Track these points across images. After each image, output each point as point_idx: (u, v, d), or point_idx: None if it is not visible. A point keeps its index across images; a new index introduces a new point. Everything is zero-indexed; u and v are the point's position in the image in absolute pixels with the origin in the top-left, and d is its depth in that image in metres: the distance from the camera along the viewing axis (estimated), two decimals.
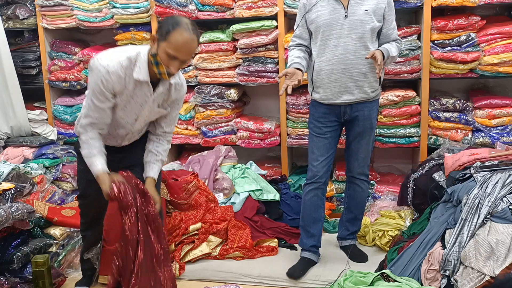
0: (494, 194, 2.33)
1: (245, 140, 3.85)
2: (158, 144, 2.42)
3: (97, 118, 2.21)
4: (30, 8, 4.07)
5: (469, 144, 3.41)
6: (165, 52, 2.05)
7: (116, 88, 2.15)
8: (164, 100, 2.31)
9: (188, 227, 3.07)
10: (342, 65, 2.64)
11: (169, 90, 2.28)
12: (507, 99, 3.40)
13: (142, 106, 2.24)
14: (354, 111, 2.74)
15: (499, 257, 2.12)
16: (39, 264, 2.53)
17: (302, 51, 2.76)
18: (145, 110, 2.26)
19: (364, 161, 2.87)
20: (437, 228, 2.47)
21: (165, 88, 2.25)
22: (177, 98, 2.34)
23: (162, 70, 2.10)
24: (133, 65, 2.13)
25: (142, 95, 2.21)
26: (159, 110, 2.33)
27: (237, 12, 3.65)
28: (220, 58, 3.77)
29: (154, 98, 2.23)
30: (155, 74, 2.15)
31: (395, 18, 2.74)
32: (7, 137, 3.94)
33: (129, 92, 2.18)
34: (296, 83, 2.52)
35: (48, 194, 3.48)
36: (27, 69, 4.15)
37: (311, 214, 2.86)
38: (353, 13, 2.61)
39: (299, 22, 2.76)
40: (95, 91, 2.15)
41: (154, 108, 2.29)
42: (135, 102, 2.22)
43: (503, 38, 3.31)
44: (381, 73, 2.53)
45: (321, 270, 2.84)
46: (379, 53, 2.54)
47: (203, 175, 3.55)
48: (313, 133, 2.82)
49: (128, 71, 2.13)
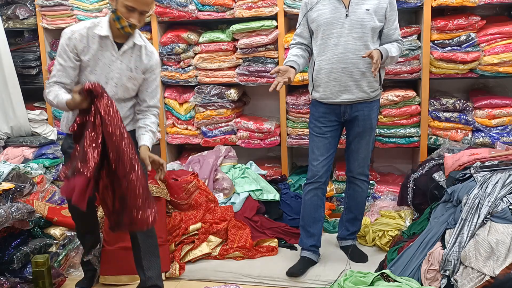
0: (494, 194, 2.33)
1: (245, 140, 3.85)
2: (145, 119, 2.45)
3: (60, 76, 2.30)
4: (30, 8, 4.07)
5: (469, 144, 3.41)
6: (124, 5, 2.18)
7: (79, 47, 2.27)
8: (137, 66, 2.37)
9: (188, 227, 3.07)
10: (342, 64, 2.64)
11: (140, 54, 2.36)
12: (507, 99, 3.40)
13: (110, 67, 2.32)
14: (354, 111, 2.74)
15: (499, 257, 2.12)
16: (39, 264, 2.53)
17: (302, 49, 2.77)
18: (114, 71, 2.32)
19: (364, 161, 2.87)
20: (437, 228, 2.47)
21: (130, 46, 2.32)
22: (151, 65, 2.41)
23: (124, 23, 2.21)
24: (96, 26, 2.29)
25: (108, 55, 2.31)
26: (132, 74, 2.36)
27: (237, 12, 3.65)
28: (220, 58, 3.77)
29: (121, 58, 2.32)
30: (119, 33, 2.27)
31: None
32: (7, 137, 3.94)
33: (94, 51, 2.28)
34: (286, 80, 2.54)
35: (48, 194, 3.48)
36: (27, 69, 4.15)
37: (311, 214, 2.86)
38: (354, 12, 2.61)
39: (300, 21, 2.77)
40: (60, 52, 2.29)
41: (124, 70, 2.34)
42: (103, 64, 2.31)
43: (503, 38, 3.31)
44: (376, 72, 2.52)
45: (321, 270, 2.85)
46: (376, 52, 2.53)
47: (203, 175, 3.55)
48: (313, 132, 2.82)
49: (90, 31, 2.28)
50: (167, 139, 4.04)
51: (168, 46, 3.81)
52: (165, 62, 3.90)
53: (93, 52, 2.28)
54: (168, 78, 3.89)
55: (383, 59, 2.58)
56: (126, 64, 2.34)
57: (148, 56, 2.40)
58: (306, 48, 2.79)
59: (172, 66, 3.88)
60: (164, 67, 3.89)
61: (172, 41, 3.78)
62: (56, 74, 2.31)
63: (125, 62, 2.34)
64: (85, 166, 2.03)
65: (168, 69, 3.88)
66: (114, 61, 2.31)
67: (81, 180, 2.02)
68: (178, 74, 3.86)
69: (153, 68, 2.43)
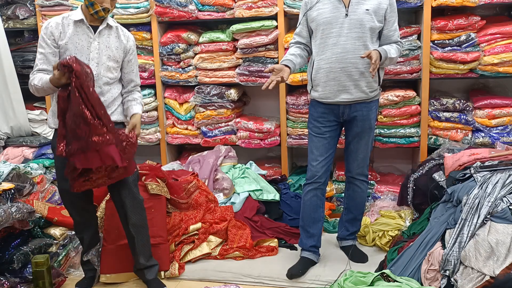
0: (494, 194, 2.33)
1: (245, 140, 3.85)
2: (134, 94, 2.68)
3: (42, 63, 2.46)
4: (30, 8, 4.07)
5: (469, 144, 3.41)
6: None
7: (55, 33, 2.44)
8: (117, 47, 2.54)
9: (188, 227, 3.08)
10: (340, 64, 2.64)
11: (118, 35, 2.55)
12: (507, 99, 3.40)
13: (89, 49, 2.48)
14: (352, 111, 2.74)
15: (499, 257, 2.12)
16: (39, 264, 2.53)
17: (300, 48, 2.77)
18: (93, 52, 2.48)
19: (363, 161, 2.86)
20: (437, 228, 2.47)
21: (104, 27, 2.50)
22: (130, 46, 2.62)
23: (97, 8, 2.41)
24: (70, 14, 2.50)
25: (85, 38, 2.48)
26: (112, 53, 2.53)
27: (237, 12, 3.65)
28: (220, 58, 3.77)
29: (98, 40, 2.49)
30: (93, 18, 2.47)
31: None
32: (7, 137, 3.94)
33: (70, 35, 2.45)
34: (279, 79, 2.56)
35: (48, 194, 3.48)
36: (27, 69, 4.14)
37: (311, 214, 2.86)
38: (353, 12, 2.61)
39: (300, 20, 2.77)
40: (39, 42, 2.48)
41: (103, 50, 2.49)
42: (81, 46, 2.47)
43: (503, 38, 3.31)
44: (374, 72, 2.51)
45: (321, 270, 2.85)
46: (375, 52, 2.53)
47: (203, 175, 3.55)
48: (312, 133, 2.82)
49: (65, 19, 2.48)
50: (167, 139, 4.04)
51: (168, 46, 3.81)
52: (165, 62, 3.90)
53: (69, 35, 2.45)
54: (168, 78, 3.89)
55: (382, 60, 2.58)
56: (104, 44, 2.51)
57: (126, 37, 2.60)
58: (305, 48, 2.79)
59: (172, 66, 3.88)
60: (164, 67, 3.89)
61: (172, 41, 3.79)
62: (38, 62, 2.47)
63: (103, 42, 2.51)
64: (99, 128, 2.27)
65: (168, 69, 3.88)
66: (92, 42, 2.48)
67: (111, 147, 2.30)
68: (178, 74, 3.86)
69: (133, 49, 2.64)
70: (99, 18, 2.47)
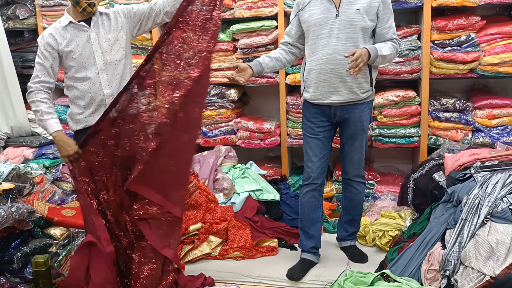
0: (494, 194, 2.33)
1: (245, 140, 3.85)
2: None
3: (42, 75, 2.49)
4: (30, 8, 4.07)
5: (469, 144, 3.41)
6: None
7: (51, 42, 2.49)
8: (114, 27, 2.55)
9: (188, 227, 3.07)
10: (331, 65, 2.61)
11: (109, 19, 2.56)
12: (507, 99, 3.40)
13: (89, 42, 2.51)
14: (344, 113, 2.72)
15: (499, 257, 2.12)
16: (39, 264, 2.52)
17: (284, 51, 2.79)
18: (94, 44, 2.51)
19: (358, 163, 2.85)
20: (437, 228, 2.47)
21: (97, 17, 2.53)
22: (125, 9, 2.61)
23: (83, 5, 2.46)
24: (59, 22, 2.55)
25: (83, 34, 2.51)
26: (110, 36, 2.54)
27: (237, 12, 3.65)
28: (220, 58, 3.77)
29: (94, 30, 2.52)
30: (82, 15, 2.50)
31: (395, 18, 2.70)
32: (7, 137, 3.93)
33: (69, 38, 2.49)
34: (237, 79, 2.64)
35: (48, 194, 3.47)
36: (27, 69, 4.14)
37: (309, 216, 2.86)
38: (344, 12, 2.59)
39: (291, 20, 2.77)
40: (38, 54, 2.52)
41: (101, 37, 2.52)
42: (82, 41, 2.50)
43: (503, 38, 3.31)
44: (354, 72, 2.44)
45: (321, 271, 2.85)
46: (360, 50, 2.47)
47: (203, 175, 3.55)
48: (306, 133, 2.81)
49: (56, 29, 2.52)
50: None
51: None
52: None
53: (68, 36, 2.49)
54: None
55: (371, 58, 2.53)
56: (101, 31, 2.53)
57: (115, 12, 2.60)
58: (290, 49, 2.79)
59: None
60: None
61: None
62: (38, 73, 2.50)
63: (99, 31, 2.53)
64: None
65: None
66: (90, 34, 2.51)
67: None
68: None
69: (128, 8, 2.61)
70: (88, 14, 2.51)
